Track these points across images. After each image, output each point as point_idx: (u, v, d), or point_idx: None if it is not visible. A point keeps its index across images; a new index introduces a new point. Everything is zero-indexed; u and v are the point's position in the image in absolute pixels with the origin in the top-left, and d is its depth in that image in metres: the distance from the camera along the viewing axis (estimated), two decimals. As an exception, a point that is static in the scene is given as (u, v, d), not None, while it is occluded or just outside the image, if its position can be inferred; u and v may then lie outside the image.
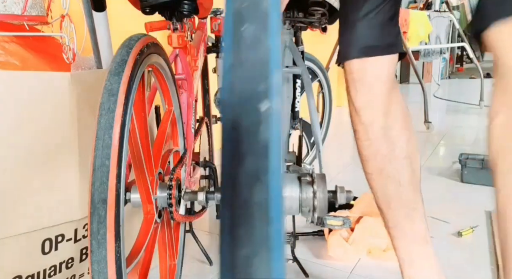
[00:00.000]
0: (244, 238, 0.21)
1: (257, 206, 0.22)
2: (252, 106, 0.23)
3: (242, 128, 0.23)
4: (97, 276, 0.64)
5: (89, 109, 0.93)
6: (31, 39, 0.99)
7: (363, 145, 0.93)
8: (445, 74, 6.54)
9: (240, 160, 0.22)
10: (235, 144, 0.23)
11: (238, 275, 0.21)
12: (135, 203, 0.83)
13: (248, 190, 0.22)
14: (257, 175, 0.22)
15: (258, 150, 0.22)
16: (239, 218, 0.22)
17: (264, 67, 0.24)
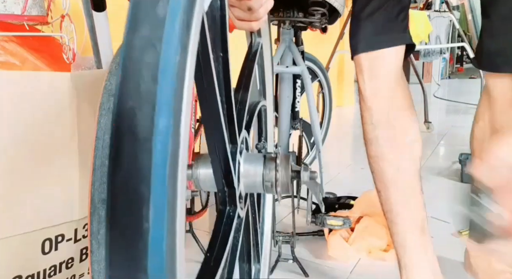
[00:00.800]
0: (132, 93, 0.24)
1: (146, 66, 0.24)
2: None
3: (141, 4, 0.26)
4: (97, 276, 0.64)
5: (89, 109, 0.93)
6: (31, 39, 0.99)
7: (367, 129, 0.98)
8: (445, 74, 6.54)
9: (138, 29, 0.25)
10: (134, 18, 0.25)
11: (122, 124, 0.23)
12: (135, 203, 0.83)
13: (139, 53, 0.25)
14: (151, 41, 0.25)
15: (155, 24, 0.25)
16: (128, 76, 0.24)
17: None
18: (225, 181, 0.49)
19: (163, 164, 0.23)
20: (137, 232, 0.22)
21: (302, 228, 1.50)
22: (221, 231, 0.47)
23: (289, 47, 1.32)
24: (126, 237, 0.23)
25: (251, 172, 0.55)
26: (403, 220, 0.96)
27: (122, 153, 0.23)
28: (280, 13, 1.27)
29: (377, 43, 0.92)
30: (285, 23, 1.30)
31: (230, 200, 0.51)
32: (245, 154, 0.57)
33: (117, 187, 0.23)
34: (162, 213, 0.23)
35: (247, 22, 0.65)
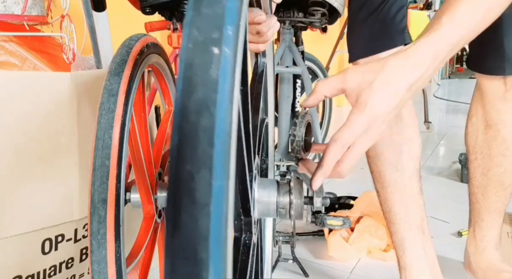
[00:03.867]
0: (189, 157, 0.24)
1: (202, 129, 0.25)
2: (205, 50, 0.27)
3: (195, 67, 0.26)
4: (97, 276, 0.64)
5: (89, 109, 0.93)
6: (31, 39, 0.99)
7: None
8: (445, 74, 6.54)
9: (191, 92, 0.26)
10: (188, 80, 0.26)
11: (181, 189, 0.24)
12: (135, 203, 0.83)
13: (196, 116, 0.25)
14: (206, 104, 0.25)
15: (209, 84, 0.26)
16: (186, 139, 0.25)
17: (220, 20, 0.28)
18: (242, 209, 0.49)
19: (220, 227, 0.23)
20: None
21: (302, 228, 1.50)
22: (239, 260, 0.45)
23: (289, 47, 1.32)
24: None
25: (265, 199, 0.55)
26: (402, 220, 0.96)
27: (181, 216, 0.24)
28: (280, 13, 1.27)
29: (374, 48, 0.91)
30: (285, 23, 1.30)
31: (246, 228, 0.50)
32: (258, 179, 0.56)
33: (177, 251, 0.23)
34: (221, 275, 0.23)
35: (255, 44, 0.65)
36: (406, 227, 0.96)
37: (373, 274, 1.27)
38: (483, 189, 1.06)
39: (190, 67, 0.26)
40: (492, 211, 1.07)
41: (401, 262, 0.98)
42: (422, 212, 0.97)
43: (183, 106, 0.25)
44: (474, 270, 1.12)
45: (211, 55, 0.27)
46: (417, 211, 0.96)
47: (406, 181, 0.95)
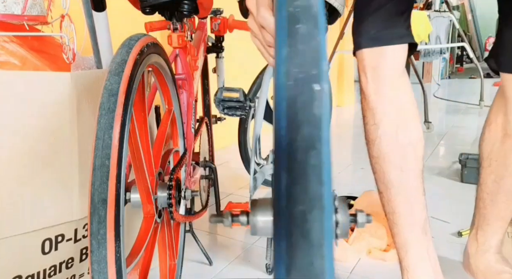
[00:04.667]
0: (301, 197, 0.24)
1: (311, 168, 0.25)
2: (307, 86, 0.28)
3: (297, 104, 0.27)
4: (97, 276, 0.64)
5: (89, 109, 0.93)
6: (31, 39, 0.99)
7: (370, 129, 0.96)
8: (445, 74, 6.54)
9: (296, 130, 0.26)
10: (291, 118, 0.27)
11: (295, 229, 0.24)
12: (135, 203, 0.83)
13: (304, 155, 0.25)
14: (312, 142, 0.26)
15: (314, 121, 0.27)
16: (295, 178, 0.25)
17: (316, 56, 0.29)
18: None
19: (332, 269, 0.24)
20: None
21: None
22: None
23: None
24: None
25: None
26: (405, 221, 0.95)
27: (296, 258, 0.23)
28: (280, 13, 1.27)
29: (382, 39, 0.91)
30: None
31: None
32: None
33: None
34: None
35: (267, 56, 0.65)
36: (409, 228, 0.95)
37: (373, 274, 1.27)
38: (493, 196, 1.05)
39: (294, 104, 0.27)
40: (499, 218, 1.07)
41: (403, 263, 0.98)
42: (425, 213, 0.96)
43: (290, 145, 0.26)
44: (474, 271, 1.12)
45: (313, 92, 0.28)
46: (421, 212, 0.95)
47: (411, 182, 0.94)
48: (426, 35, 3.67)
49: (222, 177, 1.52)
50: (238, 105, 1.19)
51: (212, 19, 1.53)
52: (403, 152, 0.94)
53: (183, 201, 1.07)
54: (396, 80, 0.93)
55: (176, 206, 0.94)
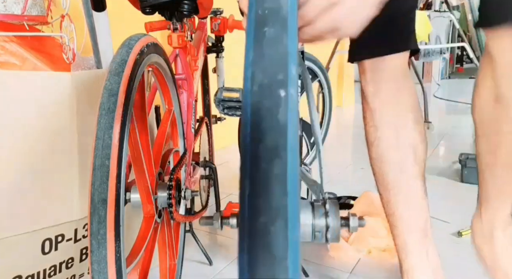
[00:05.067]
0: (263, 208, 0.23)
1: (275, 177, 0.23)
2: (272, 92, 0.26)
3: (263, 110, 0.26)
4: (97, 276, 0.64)
5: (89, 109, 0.93)
6: (31, 39, 0.99)
7: (369, 130, 0.95)
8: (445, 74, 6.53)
9: (260, 138, 0.25)
10: (256, 125, 0.25)
11: (256, 242, 0.22)
12: (135, 203, 0.83)
13: (267, 164, 0.24)
14: (276, 150, 0.24)
15: (278, 128, 0.25)
16: (258, 188, 0.23)
17: (283, 60, 0.27)
18: None
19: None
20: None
21: (302, 228, 1.49)
22: None
23: (289, 47, 1.32)
24: None
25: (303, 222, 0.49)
26: (405, 223, 0.94)
27: (258, 271, 0.22)
28: (280, 13, 1.26)
29: (379, 50, 0.89)
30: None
31: None
32: None
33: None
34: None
35: None
36: (409, 230, 0.94)
37: (373, 274, 1.27)
38: (491, 169, 0.96)
39: (258, 111, 0.26)
40: (502, 192, 0.97)
41: (404, 265, 0.97)
42: (426, 215, 0.95)
43: (253, 153, 0.24)
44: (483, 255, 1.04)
45: (278, 98, 0.26)
46: (421, 214, 0.94)
47: (411, 184, 0.93)
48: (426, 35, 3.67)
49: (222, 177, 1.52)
50: (238, 105, 1.19)
51: (212, 19, 1.53)
52: (402, 154, 0.93)
53: (183, 201, 1.07)
54: (397, 82, 0.91)
55: (176, 206, 0.94)
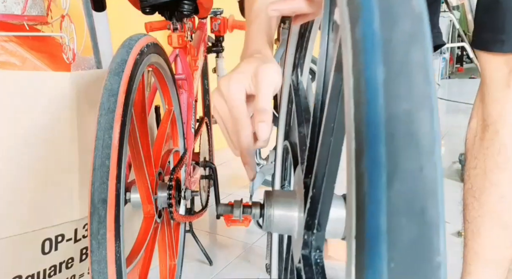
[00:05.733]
0: (405, 95, 0.20)
1: (417, 65, 0.21)
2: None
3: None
4: (97, 276, 0.64)
5: (89, 109, 0.93)
6: (31, 39, 0.99)
7: None
8: (445, 74, 6.54)
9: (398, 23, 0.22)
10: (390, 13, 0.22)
11: (400, 127, 0.19)
12: (135, 203, 0.83)
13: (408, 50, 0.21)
14: (416, 36, 0.21)
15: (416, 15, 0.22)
16: (398, 76, 0.20)
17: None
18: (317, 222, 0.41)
19: (442, 181, 0.20)
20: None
21: (302, 228, 1.49)
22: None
23: (289, 47, 1.32)
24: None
25: (334, 216, 0.45)
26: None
27: (403, 165, 0.19)
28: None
29: None
30: (285, 23, 1.30)
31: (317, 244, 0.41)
32: None
33: (399, 206, 0.19)
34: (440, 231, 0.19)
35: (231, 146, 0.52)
36: None
37: (373, 274, 1.27)
38: (474, 224, 0.80)
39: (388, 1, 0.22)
40: (484, 260, 0.80)
41: None
42: None
43: (387, 39, 0.21)
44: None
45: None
46: None
47: None
48: (426, 35, 3.67)
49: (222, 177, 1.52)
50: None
51: (212, 19, 1.53)
52: None
53: (183, 201, 1.07)
54: None
55: (176, 206, 0.94)
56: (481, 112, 0.81)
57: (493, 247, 0.78)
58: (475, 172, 0.79)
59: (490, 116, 0.78)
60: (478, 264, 0.81)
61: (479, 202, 0.78)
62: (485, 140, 0.78)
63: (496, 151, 0.76)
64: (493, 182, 0.76)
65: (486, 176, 0.77)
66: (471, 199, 0.80)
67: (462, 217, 0.84)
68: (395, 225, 0.18)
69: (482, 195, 0.78)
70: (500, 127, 0.76)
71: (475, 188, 0.79)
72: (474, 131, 0.82)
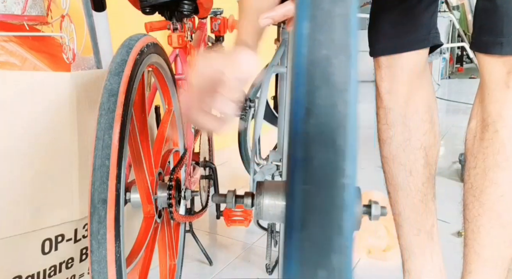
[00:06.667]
0: (326, 43, 0.23)
1: (339, 18, 0.24)
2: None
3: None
4: (97, 276, 0.64)
5: (89, 109, 0.93)
6: (31, 39, 0.99)
7: (382, 128, 0.94)
8: (445, 74, 6.54)
9: None
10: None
11: (317, 72, 0.23)
12: (135, 203, 0.83)
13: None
14: None
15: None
16: (321, 26, 0.24)
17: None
18: None
19: (356, 113, 0.23)
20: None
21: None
22: None
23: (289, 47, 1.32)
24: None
25: None
26: (411, 224, 0.93)
27: (317, 101, 0.23)
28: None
29: (397, 47, 0.86)
30: (285, 23, 1.30)
31: None
32: None
33: (312, 136, 0.23)
34: (354, 163, 0.22)
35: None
36: (414, 232, 0.93)
37: (373, 274, 1.27)
38: (474, 223, 0.80)
39: None
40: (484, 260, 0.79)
41: (405, 265, 0.97)
42: (433, 218, 0.93)
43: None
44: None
45: None
46: (428, 217, 0.93)
47: (419, 186, 0.92)
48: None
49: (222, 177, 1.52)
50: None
51: (212, 19, 1.53)
52: (414, 155, 0.90)
53: (183, 201, 1.07)
54: (413, 80, 0.89)
55: (176, 206, 0.94)
56: (480, 113, 0.82)
57: (493, 246, 0.79)
58: (475, 171, 0.80)
59: (489, 116, 0.79)
60: (478, 263, 0.81)
61: (479, 201, 0.79)
62: (485, 139, 0.79)
63: (495, 151, 0.77)
64: (493, 181, 0.77)
65: (486, 175, 0.78)
66: (471, 199, 0.81)
67: (462, 217, 0.84)
68: (309, 154, 0.22)
69: (482, 194, 0.78)
70: (499, 127, 0.77)
71: (475, 188, 0.80)
72: (474, 131, 0.83)
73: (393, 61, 0.88)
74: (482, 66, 0.79)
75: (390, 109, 0.91)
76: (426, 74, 0.91)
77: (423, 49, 0.87)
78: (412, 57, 0.87)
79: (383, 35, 0.88)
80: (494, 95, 0.78)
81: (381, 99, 0.92)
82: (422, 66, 0.89)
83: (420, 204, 0.92)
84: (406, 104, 0.90)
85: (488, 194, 0.78)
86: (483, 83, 0.80)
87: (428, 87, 0.92)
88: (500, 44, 0.73)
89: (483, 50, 0.77)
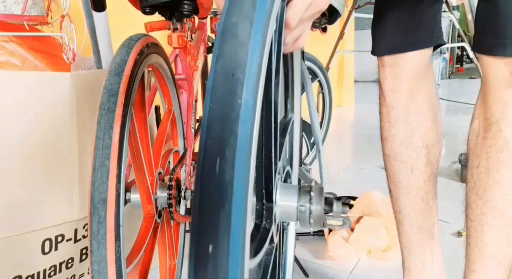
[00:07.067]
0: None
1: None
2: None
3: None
4: (97, 276, 0.64)
5: (89, 109, 0.93)
6: (31, 39, 0.99)
7: (384, 126, 0.94)
8: (445, 74, 6.54)
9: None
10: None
11: (229, 33, 0.33)
12: (135, 203, 0.83)
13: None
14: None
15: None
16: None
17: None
18: (265, 192, 0.49)
19: (256, 61, 0.32)
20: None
21: (302, 228, 1.50)
22: (256, 240, 0.46)
23: (289, 47, 1.32)
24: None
25: (286, 202, 0.55)
26: (411, 223, 0.93)
27: (225, 48, 0.32)
28: (280, 13, 1.26)
29: (401, 46, 0.87)
30: (285, 23, 1.30)
31: (267, 214, 0.50)
32: (281, 184, 0.56)
33: (221, 73, 0.33)
34: (254, 95, 0.31)
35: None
36: (415, 230, 0.93)
37: (373, 274, 1.27)
38: (477, 222, 0.80)
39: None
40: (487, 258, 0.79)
41: (405, 263, 0.97)
42: (434, 217, 0.94)
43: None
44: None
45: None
46: (429, 216, 0.93)
47: (421, 184, 0.92)
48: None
49: (222, 177, 1.52)
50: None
51: (212, 19, 1.53)
52: (416, 153, 0.91)
53: (183, 201, 1.07)
54: (416, 79, 0.89)
55: (176, 206, 0.94)
56: (483, 113, 0.82)
57: (497, 244, 0.79)
58: (478, 170, 0.80)
59: (493, 115, 0.79)
60: (481, 262, 0.81)
61: (482, 200, 0.79)
62: (488, 138, 0.79)
63: (499, 149, 0.77)
64: (497, 179, 0.77)
65: (489, 174, 0.78)
66: (474, 197, 0.81)
67: (465, 216, 0.84)
68: (215, 85, 0.33)
69: (485, 192, 0.78)
70: (503, 126, 0.78)
71: (478, 186, 0.80)
72: (477, 131, 0.83)
73: (397, 60, 0.88)
74: (485, 67, 0.79)
75: (393, 107, 0.91)
76: (430, 73, 0.92)
77: (427, 48, 0.88)
78: (416, 56, 0.87)
79: (387, 34, 0.89)
80: (497, 95, 0.78)
81: (384, 97, 0.92)
82: (426, 65, 0.89)
83: (421, 203, 0.92)
84: (409, 102, 0.90)
85: (492, 192, 0.77)
86: (485, 83, 0.81)
87: (431, 85, 0.92)
88: (503, 46, 0.74)
89: (486, 52, 0.78)
